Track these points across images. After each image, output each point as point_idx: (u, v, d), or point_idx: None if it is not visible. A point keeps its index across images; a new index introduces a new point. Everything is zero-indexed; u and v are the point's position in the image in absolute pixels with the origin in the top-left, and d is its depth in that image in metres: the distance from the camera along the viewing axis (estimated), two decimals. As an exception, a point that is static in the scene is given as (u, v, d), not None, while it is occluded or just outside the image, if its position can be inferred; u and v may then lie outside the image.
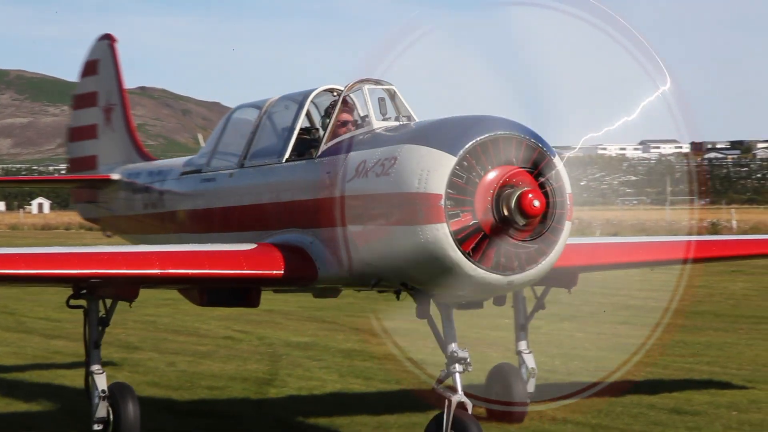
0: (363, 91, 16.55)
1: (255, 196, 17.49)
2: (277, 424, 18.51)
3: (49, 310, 36.15)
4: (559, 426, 17.67)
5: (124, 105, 24.05)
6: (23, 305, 38.04)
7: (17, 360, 26.61)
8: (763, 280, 45.00)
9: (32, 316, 35.43)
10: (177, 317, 30.49)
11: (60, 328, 32.25)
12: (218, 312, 22.66)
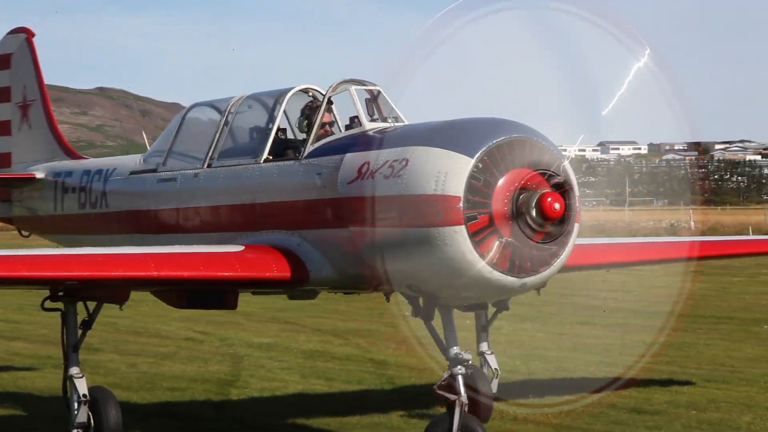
0: (350, 92, 16.58)
1: (228, 196, 17.43)
2: (239, 425, 18.50)
3: (8, 312, 36.01)
4: (520, 426, 17.72)
5: (45, 101, 23.76)
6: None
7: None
8: (722, 281, 45.33)
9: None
10: (137, 318, 30.43)
11: (19, 329, 32.15)
12: (179, 313, 22.64)
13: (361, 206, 15.22)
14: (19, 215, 22.96)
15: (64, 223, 21.43)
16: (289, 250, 16.30)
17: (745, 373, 23.14)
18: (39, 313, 17.33)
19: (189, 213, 18.18)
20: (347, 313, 33.05)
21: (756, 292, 42.37)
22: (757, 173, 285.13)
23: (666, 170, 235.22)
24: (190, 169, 18.31)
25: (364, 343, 28.18)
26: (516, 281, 14.28)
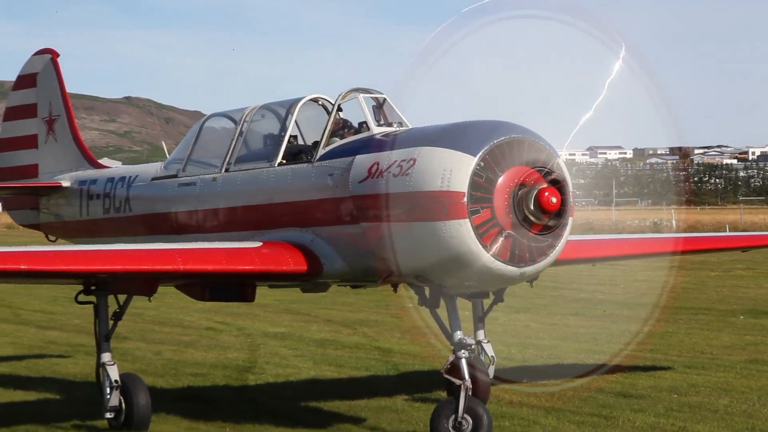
0: (358, 99, 16.70)
1: (245, 198, 17.46)
2: (256, 408, 18.47)
3: (44, 303, 36.02)
4: (515, 409, 17.70)
5: (69, 115, 23.76)
6: (19, 298, 37.88)
7: (15, 350, 26.49)
8: (700, 275, 45.26)
9: (28, 309, 35.28)
10: (162, 310, 30.42)
11: (54, 319, 32.15)
12: (200, 305, 22.68)
13: (371, 203, 15.35)
14: (46, 222, 22.96)
15: (89, 227, 21.42)
16: (304, 245, 16.37)
17: (723, 360, 23.12)
18: (72, 304, 17.34)
19: (208, 214, 18.19)
20: (355, 305, 33.01)
21: (732, 285, 42.32)
22: (733, 176, 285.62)
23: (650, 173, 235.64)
24: (209, 174, 18.32)
25: (371, 333, 28.17)
26: (516, 270, 14.52)
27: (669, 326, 27.24)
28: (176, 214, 18.84)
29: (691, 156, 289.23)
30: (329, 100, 17.22)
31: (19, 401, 19.69)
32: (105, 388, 16.66)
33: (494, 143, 14.44)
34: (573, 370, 21.05)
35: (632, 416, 17.22)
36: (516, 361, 22.45)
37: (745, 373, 21.52)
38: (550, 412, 17.44)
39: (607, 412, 17.48)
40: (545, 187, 14.35)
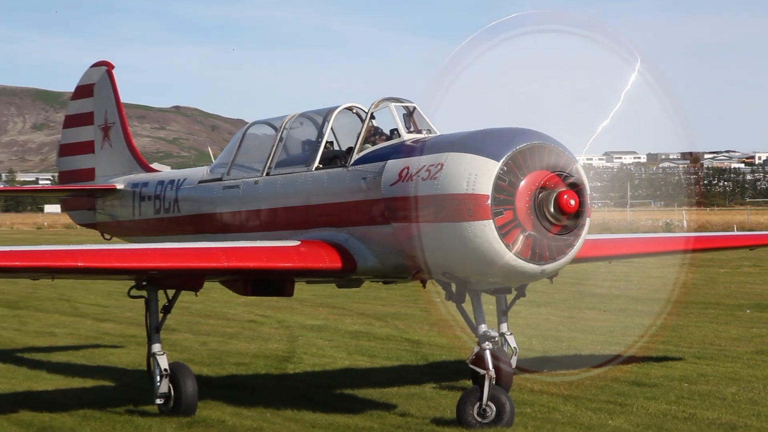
0: (390, 108, 16.76)
1: (285, 200, 17.50)
2: (294, 395, 18.47)
3: (99, 297, 36.17)
4: (536, 396, 17.66)
5: (123, 123, 23.90)
6: (77, 293, 38.04)
7: (73, 340, 26.63)
8: (710, 272, 45.05)
9: (85, 302, 35.42)
10: (208, 303, 30.46)
11: (108, 312, 32.27)
12: (242, 299, 22.72)
13: (402, 205, 15.37)
14: (101, 221, 23.07)
15: (141, 226, 21.51)
16: (339, 244, 16.40)
17: (731, 351, 23.01)
18: (125, 298, 17.43)
19: (251, 215, 18.23)
20: (387, 300, 32.99)
21: (739, 281, 42.11)
22: (741, 179, 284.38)
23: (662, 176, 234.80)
24: (251, 177, 18.36)
25: (401, 325, 28.14)
26: (537, 268, 14.56)
27: (680, 320, 27.13)
28: (221, 214, 18.90)
29: (701, 160, 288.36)
30: (363, 109, 17.25)
31: (77, 387, 19.77)
32: (155, 376, 16.75)
33: (516, 149, 14.47)
34: (590, 361, 20.99)
35: (645, 404, 17.16)
36: (537, 352, 22.39)
37: (752, 363, 21.43)
38: (569, 400, 17.40)
39: (621, 400, 17.42)
40: (564, 190, 14.39)
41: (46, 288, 39.11)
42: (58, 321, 30.66)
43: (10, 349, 25.12)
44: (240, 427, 15.73)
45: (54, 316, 32.05)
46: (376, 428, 15.52)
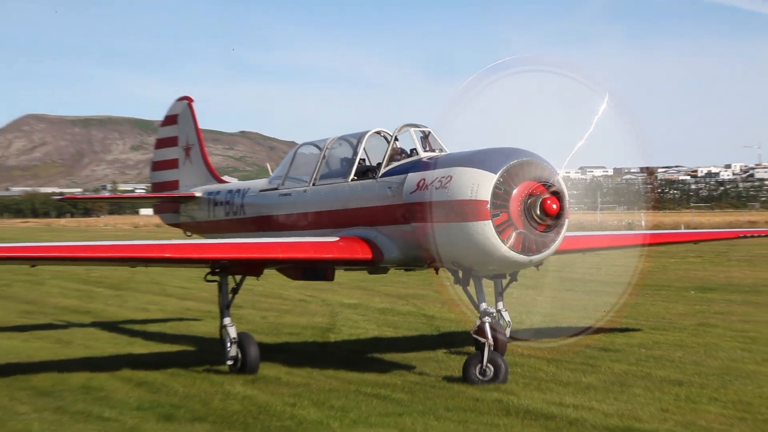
0: (410, 132, 16.85)
1: (327, 204, 17.55)
2: (334, 358, 18.52)
3: (182, 281, 36.29)
4: (525, 359, 17.65)
5: (201, 145, 24.10)
6: (165, 278, 38.19)
7: (162, 315, 26.75)
8: (662, 261, 44.95)
9: (171, 285, 35.56)
10: (267, 286, 30.51)
11: (190, 293, 32.38)
12: (295, 283, 22.74)
13: (419, 208, 15.42)
14: (184, 222, 23.23)
15: (215, 226, 21.63)
16: (370, 239, 16.45)
17: (678, 324, 22.93)
18: (202, 282, 17.50)
19: (300, 217, 18.31)
20: (407, 283, 32.99)
21: (685, 269, 41.99)
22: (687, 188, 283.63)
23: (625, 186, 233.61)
24: (301, 187, 18.44)
25: (419, 303, 28.14)
26: (526, 258, 14.63)
27: (638, 299, 27.07)
28: (277, 216, 18.97)
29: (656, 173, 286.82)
30: (389, 133, 17.29)
31: (166, 351, 19.88)
32: (226, 343, 16.86)
33: (510, 164, 14.52)
34: (567, 331, 20.96)
35: (611, 365, 17.13)
36: (526, 324, 22.38)
37: (695, 333, 21.35)
38: (551, 362, 17.38)
39: (592, 362, 17.40)
40: (548, 196, 14.44)
41: (141, 274, 39.30)
42: (150, 300, 30.81)
43: (114, 321, 25.27)
44: (292, 383, 15.76)
45: (147, 295, 32.21)
46: (399, 384, 15.53)
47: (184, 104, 24.72)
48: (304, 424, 12.72)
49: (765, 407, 13.63)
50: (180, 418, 13.27)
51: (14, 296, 32.23)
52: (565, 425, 12.57)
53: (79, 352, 19.62)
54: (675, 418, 12.97)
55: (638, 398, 14.24)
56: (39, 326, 24.26)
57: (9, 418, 13.44)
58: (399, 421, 12.76)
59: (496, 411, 13.41)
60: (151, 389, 15.41)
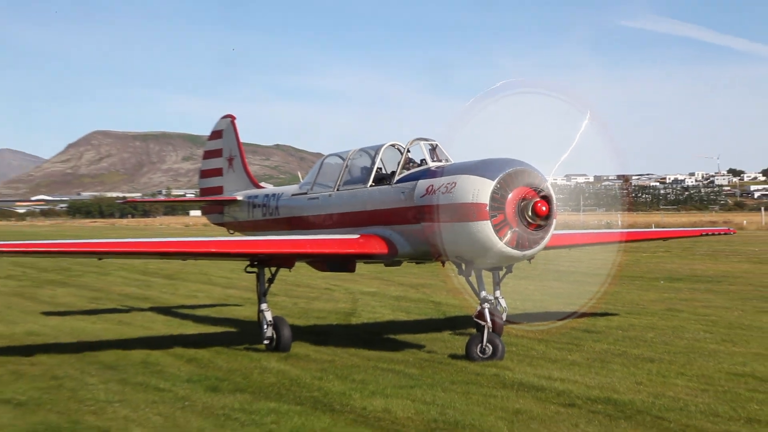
0: (420, 145, 16.85)
1: (349, 207, 17.54)
2: (355, 338, 18.51)
3: (226, 272, 36.36)
4: (519, 339, 17.60)
5: (242, 156, 24.17)
6: (211, 269, 38.29)
7: (208, 300, 26.81)
8: (636, 255, 44.83)
9: (216, 275, 35.65)
10: (297, 276, 30.52)
11: (232, 282, 32.45)
12: (321, 274, 22.76)
13: (428, 210, 15.41)
14: (227, 221, 23.26)
15: (253, 225, 21.65)
16: (386, 237, 16.45)
17: (650, 309, 22.84)
18: (243, 273, 17.51)
19: (326, 217, 18.31)
20: (418, 274, 32.96)
21: (655, 262, 41.86)
22: (657, 193, 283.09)
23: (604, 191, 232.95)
24: (327, 192, 18.44)
25: (428, 291, 28.12)
26: (519, 253, 14.61)
27: (616, 288, 26.99)
28: (306, 217, 18.97)
29: (630, 180, 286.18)
30: (402, 145, 17.28)
31: (211, 332, 19.89)
32: (263, 325, 16.87)
33: (506, 172, 14.48)
34: (555, 316, 20.92)
35: (593, 344, 17.07)
36: (519, 310, 22.29)
37: (664, 317, 21.27)
38: (541, 342, 17.33)
39: (576, 342, 17.34)
40: (538, 200, 14.39)
41: (191, 266, 39.42)
42: (198, 288, 30.88)
43: (168, 306, 25.31)
44: (319, 360, 15.75)
45: (196, 284, 32.27)
46: (410, 360, 15.51)
47: (228, 121, 24.79)
48: (329, 395, 12.71)
49: (724, 380, 13.60)
50: (224, 389, 13.28)
51: (84, 285, 32.35)
52: (553, 396, 12.53)
53: (139, 333, 19.67)
54: (648, 390, 12.92)
55: (616, 373, 14.19)
56: (105, 310, 24.36)
57: (80, 388, 13.50)
58: (411, 393, 12.74)
59: (494, 384, 13.38)
60: (199, 364, 15.43)
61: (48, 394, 13.07)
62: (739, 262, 41.46)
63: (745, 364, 15.00)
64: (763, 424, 11.00)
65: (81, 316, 22.91)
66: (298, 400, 12.44)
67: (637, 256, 44.48)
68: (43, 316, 22.85)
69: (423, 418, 11.30)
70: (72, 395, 12.97)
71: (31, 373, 14.70)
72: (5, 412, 12.02)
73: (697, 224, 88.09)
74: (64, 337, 19.00)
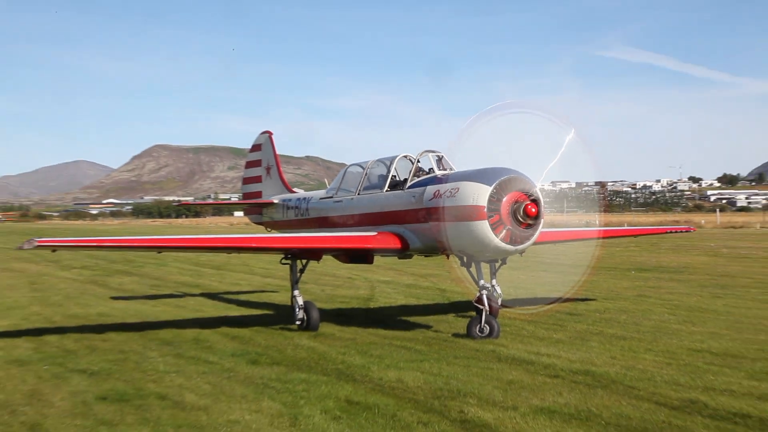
0: (428, 156, 16.81)
1: (369, 209, 17.52)
2: (374, 320, 18.52)
3: (264, 263, 36.43)
4: (512, 321, 17.55)
5: (278, 166, 24.17)
6: (252, 261, 38.38)
7: (249, 287, 26.83)
8: (611, 250, 44.64)
9: (256, 266, 35.70)
10: (324, 267, 30.57)
11: (269, 272, 32.49)
12: (344, 266, 22.73)
13: (435, 211, 15.38)
14: (265, 221, 23.29)
15: (287, 224, 21.67)
16: (399, 234, 16.42)
17: (623, 295, 22.76)
18: (278, 264, 17.54)
19: (349, 218, 18.29)
20: (426, 266, 32.96)
21: (628, 255, 41.67)
22: (628, 197, 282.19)
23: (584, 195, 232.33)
24: (349, 196, 18.42)
25: (435, 280, 28.08)
26: (512, 248, 14.57)
27: (594, 277, 26.92)
28: (332, 217, 18.96)
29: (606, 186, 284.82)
30: (413, 156, 17.24)
31: (252, 314, 19.93)
32: (296, 308, 16.89)
33: (501, 179, 14.42)
34: (543, 301, 20.84)
35: (574, 325, 17.01)
36: (512, 296, 22.25)
37: (635, 302, 21.17)
38: (530, 323, 17.28)
39: (561, 323, 17.29)
40: (529, 203, 14.33)
41: (235, 258, 39.50)
42: (241, 277, 30.92)
43: (215, 292, 25.37)
44: (343, 338, 15.76)
45: (239, 274, 32.33)
46: (419, 338, 15.50)
47: (266, 136, 24.84)
48: (351, 367, 12.72)
49: (685, 355, 13.54)
50: (263, 362, 13.31)
51: (146, 274, 32.48)
52: (541, 368, 12.49)
53: (191, 314, 19.74)
54: (620, 363, 12.87)
55: (594, 349, 14.14)
56: (163, 296, 24.45)
57: (143, 360, 13.57)
58: (420, 366, 12.73)
59: (491, 358, 13.35)
60: (242, 341, 15.47)
61: (116, 365, 13.14)
62: (698, 255, 41.24)
63: (702, 341, 14.93)
64: (718, 391, 10.97)
65: (143, 301, 23.01)
66: (324, 372, 12.46)
67: (611, 251, 44.29)
68: (112, 301, 22.98)
69: (430, 387, 11.30)
70: (136, 366, 13.04)
71: (102, 348, 14.79)
72: (82, 380, 12.10)
73: (663, 223, 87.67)
74: (130, 317, 19.10)
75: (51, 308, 20.89)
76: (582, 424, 9.39)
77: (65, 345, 15.11)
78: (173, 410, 10.23)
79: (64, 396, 11.06)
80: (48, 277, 30.60)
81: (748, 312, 19.07)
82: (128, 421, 9.77)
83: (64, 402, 10.74)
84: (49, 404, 10.66)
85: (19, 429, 9.57)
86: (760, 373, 12.06)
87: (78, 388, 11.56)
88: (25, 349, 14.74)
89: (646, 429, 9.24)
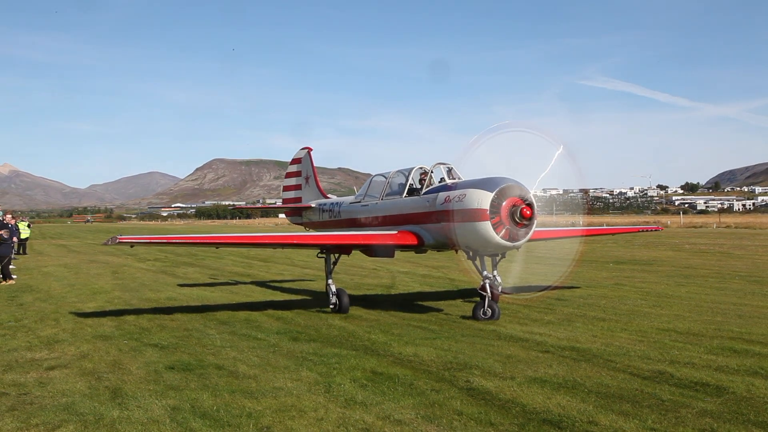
0: (440, 167, 16.72)
1: (390, 212, 17.48)
2: (394, 304, 18.46)
3: (303, 257, 36.52)
4: (510, 305, 17.43)
5: (315, 176, 24.05)
6: (293, 254, 38.49)
7: (291, 277, 26.83)
8: (593, 246, 44.29)
9: (297, 259, 35.78)
10: (353, 260, 30.57)
11: (308, 263, 32.54)
12: (370, 259, 22.73)
13: (446, 214, 15.31)
14: (304, 222, 23.24)
15: (323, 225, 21.64)
16: (416, 232, 16.35)
17: (602, 283, 22.54)
18: (315, 257, 17.54)
19: (374, 219, 18.24)
20: (438, 259, 32.85)
21: (607, 250, 41.34)
22: (607, 201, 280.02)
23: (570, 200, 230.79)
24: (374, 201, 18.38)
25: (445, 271, 27.97)
26: (510, 244, 14.45)
27: (579, 269, 26.70)
28: (360, 218, 18.93)
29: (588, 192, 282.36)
30: (427, 167, 17.18)
31: (293, 299, 19.92)
32: (329, 294, 16.85)
33: (501, 187, 14.33)
34: (536, 288, 20.71)
35: (562, 308, 16.87)
36: (510, 284, 22.13)
37: (613, 289, 20.97)
38: (525, 307, 17.17)
39: (550, 307, 17.16)
40: (524, 206, 14.22)
41: (279, 252, 39.64)
42: (284, 268, 30.99)
43: (263, 281, 25.43)
44: (368, 319, 15.73)
45: (282, 265, 32.40)
46: (433, 320, 15.44)
47: (305, 151, 24.84)
48: (376, 344, 12.70)
49: (655, 334, 13.41)
50: (302, 339, 13.32)
51: (205, 266, 32.66)
52: (534, 345, 12.41)
53: (243, 299, 19.80)
54: (601, 340, 12.76)
55: (579, 329, 14.02)
56: (220, 283, 24.57)
57: (203, 336, 13.63)
58: (433, 343, 12.69)
59: (493, 337, 13.29)
60: (285, 322, 15.49)
61: (182, 341, 13.22)
62: (665, 250, 40.83)
63: (669, 322, 14.77)
64: (682, 364, 10.88)
65: (204, 287, 23.13)
66: (353, 347, 12.45)
67: (593, 246, 43.93)
68: (178, 287, 23.12)
69: (442, 360, 11.26)
70: (198, 342, 13.11)
71: (170, 326, 14.89)
72: (154, 352, 12.20)
73: (636, 223, 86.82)
74: (193, 301, 19.21)
75: (129, 293, 21.08)
76: (568, 392, 9.34)
77: (141, 323, 15.23)
78: (228, 378, 10.29)
79: (139, 365, 11.16)
80: (127, 268, 30.88)
81: (706, 297, 18.87)
82: (192, 387, 9.84)
83: (139, 370, 10.84)
84: (128, 372, 10.77)
85: (104, 392, 9.68)
86: (717, 349, 11.94)
87: (151, 359, 11.65)
88: (109, 326, 14.89)
89: (622, 395, 9.18)
